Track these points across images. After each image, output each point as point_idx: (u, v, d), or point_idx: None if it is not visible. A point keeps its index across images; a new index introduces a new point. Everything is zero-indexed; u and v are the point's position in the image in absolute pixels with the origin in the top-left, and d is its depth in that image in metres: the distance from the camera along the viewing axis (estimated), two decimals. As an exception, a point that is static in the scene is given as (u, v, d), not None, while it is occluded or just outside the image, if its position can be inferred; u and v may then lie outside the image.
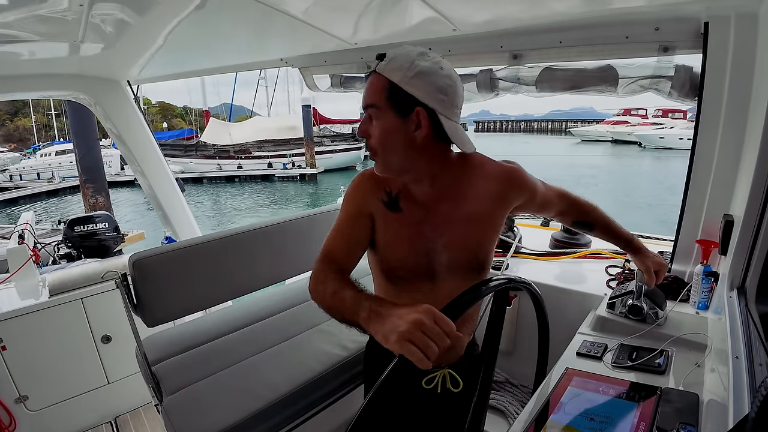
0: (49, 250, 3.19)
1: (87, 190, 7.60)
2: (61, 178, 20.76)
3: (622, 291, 1.35)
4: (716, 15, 1.28)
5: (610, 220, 1.30)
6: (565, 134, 48.10)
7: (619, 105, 37.75)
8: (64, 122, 33.32)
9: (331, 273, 0.95)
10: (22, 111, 37.19)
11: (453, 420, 1.17)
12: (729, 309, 1.09)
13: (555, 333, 1.20)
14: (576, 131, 41.99)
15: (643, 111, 34.93)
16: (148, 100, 38.09)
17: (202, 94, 32.16)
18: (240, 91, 28.49)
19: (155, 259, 1.56)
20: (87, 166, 7.43)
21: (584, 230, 1.36)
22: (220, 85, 12.86)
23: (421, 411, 1.19)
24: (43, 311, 2.09)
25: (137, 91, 2.80)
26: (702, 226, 1.52)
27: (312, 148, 20.95)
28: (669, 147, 27.56)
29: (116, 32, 1.73)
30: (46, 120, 37.00)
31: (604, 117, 45.05)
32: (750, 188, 1.14)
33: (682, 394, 0.94)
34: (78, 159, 7.54)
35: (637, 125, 32.76)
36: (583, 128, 42.33)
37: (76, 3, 1.29)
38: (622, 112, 36.13)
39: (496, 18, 1.57)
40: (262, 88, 32.01)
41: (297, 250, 2.03)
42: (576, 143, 36.71)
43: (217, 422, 1.36)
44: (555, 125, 56.37)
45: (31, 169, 22.31)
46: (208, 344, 1.76)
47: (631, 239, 1.28)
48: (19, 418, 2.06)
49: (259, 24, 1.71)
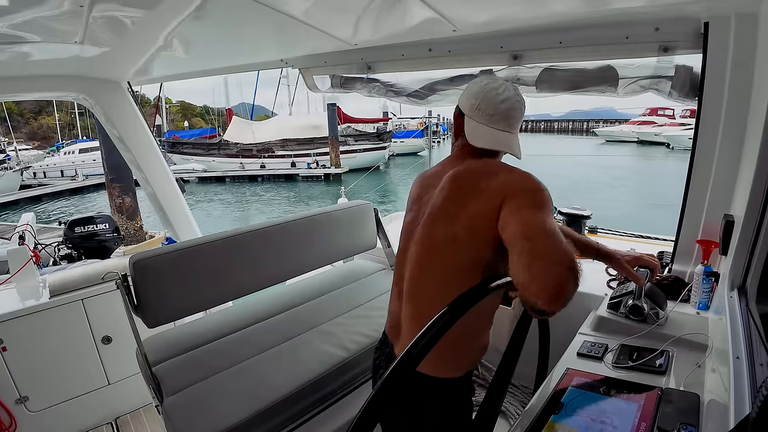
0: (50, 251, 3.20)
1: (113, 190, 7.31)
2: (85, 175, 20.92)
3: (623, 291, 1.35)
4: (716, 15, 1.28)
5: (573, 231, 1.32)
6: (586, 134, 46.80)
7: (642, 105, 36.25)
8: (87, 121, 33.57)
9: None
10: (45, 109, 37.45)
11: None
12: (730, 309, 1.09)
13: (555, 333, 1.20)
14: (600, 132, 40.60)
15: (670, 111, 33.37)
16: (169, 99, 38.11)
17: (225, 94, 31.87)
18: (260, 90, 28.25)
19: (155, 260, 1.56)
20: (113, 165, 7.02)
21: None
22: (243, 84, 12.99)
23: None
24: (44, 312, 2.09)
25: (160, 90, 2.81)
26: (702, 227, 1.52)
27: (337, 148, 20.56)
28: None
29: (116, 33, 1.73)
30: (69, 118, 37.21)
31: (627, 117, 43.62)
32: (750, 188, 1.14)
33: (682, 395, 0.94)
34: (104, 157, 7.21)
35: (664, 125, 31.63)
36: (608, 128, 40.72)
37: (77, 4, 1.29)
38: (648, 112, 34.49)
39: (496, 18, 1.57)
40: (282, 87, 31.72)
41: (297, 251, 2.03)
42: (600, 144, 35.38)
43: (217, 423, 1.36)
44: (576, 125, 54.64)
45: (54, 166, 22.38)
46: (208, 345, 1.76)
47: (597, 247, 1.28)
48: (20, 419, 2.06)
49: (259, 25, 1.71)
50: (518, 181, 0.98)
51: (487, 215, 0.96)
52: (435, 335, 0.79)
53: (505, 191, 0.96)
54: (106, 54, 2.02)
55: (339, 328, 1.89)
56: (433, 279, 1.07)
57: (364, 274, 2.40)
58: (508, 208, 0.93)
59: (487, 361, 2.07)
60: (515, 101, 1.08)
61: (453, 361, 1.08)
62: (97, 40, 1.76)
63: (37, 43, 1.71)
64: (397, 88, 2.21)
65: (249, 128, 24.08)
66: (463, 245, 1.00)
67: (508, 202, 0.94)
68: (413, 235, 1.13)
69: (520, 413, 1.52)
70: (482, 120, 1.09)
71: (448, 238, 1.02)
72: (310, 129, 22.80)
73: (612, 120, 48.75)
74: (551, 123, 58.78)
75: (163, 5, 1.43)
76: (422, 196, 1.16)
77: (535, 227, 0.88)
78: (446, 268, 1.04)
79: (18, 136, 30.28)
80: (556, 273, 0.80)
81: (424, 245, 1.08)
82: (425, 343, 0.79)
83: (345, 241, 2.26)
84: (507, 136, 1.09)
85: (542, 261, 0.82)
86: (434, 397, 1.09)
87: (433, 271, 1.07)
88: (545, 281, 0.80)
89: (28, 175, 21.20)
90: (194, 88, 34.99)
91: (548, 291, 0.80)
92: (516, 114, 1.09)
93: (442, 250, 1.04)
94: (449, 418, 1.11)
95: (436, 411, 1.09)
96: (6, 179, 18.91)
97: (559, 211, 2.26)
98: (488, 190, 0.98)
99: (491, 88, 1.09)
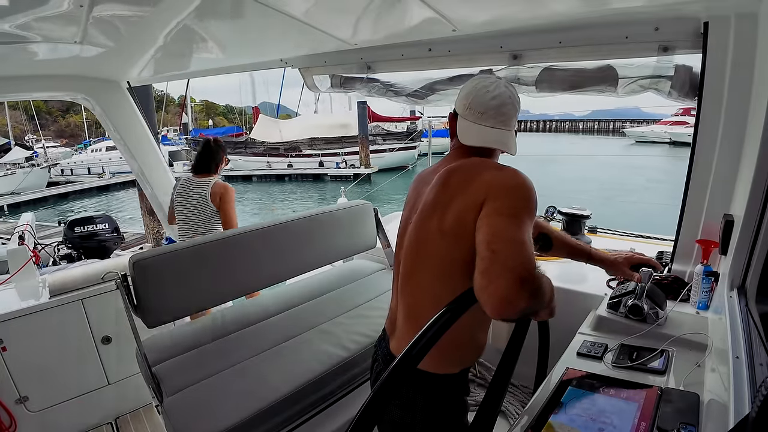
0: (50, 251, 3.20)
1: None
2: (112, 173, 20.98)
3: (623, 291, 1.35)
4: (716, 15, 1.28)
5: (566, 235, 1.35)
6: (613, 134, 45.34)
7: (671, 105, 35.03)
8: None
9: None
10: (73, 108, 37.74)
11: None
12: (729, 309, 1.09)
13: (555, 333, 1.20)
14: (630, 132, 38.63)
15: (704, 111, 32.74)
16: (192, 98, 38.12)
17: (251, 93, 31.42)
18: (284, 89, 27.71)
19: (155, 260, 1.56)
20: None
21: (543, 250, 1.37)
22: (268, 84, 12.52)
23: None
24: (44, 312, 2.09)
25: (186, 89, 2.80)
26: (702, 226, 1.52)
27: (367, 147, 20.16)
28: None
29: (116, 33, 1.73)
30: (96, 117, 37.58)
31: (654, 117, 41.76)
32: (750, 188, 1.14)
33: (682, 394, 0.94)
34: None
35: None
36: (638, 129, 38.84)
37: (77, 4, 1.29)
38: (681, 112, 32.56)
39: (496, 18, 1.57)
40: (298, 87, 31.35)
41: (297, 251, 2.03)
42: (630, 144, 33.96)
43: (217, 423, 1.36)
44: (602, 125, 52.42)
45: (81, 164, 22.55)
46: (208, 345, 1.76)
47: (589, 250, 1.31)
48: (20, 419, 2.06)
49: (259, 24, 1.71)
50: (503, 181, 0.98)
51: (470, 210, 0.96)
52: (432, 338, 0.81)
53: (489, 191, 0.96)
54: (106, 54, 2.02)
55: (339, 327, 1.89)
56: (423, 274, 1.09)
57: (363, 274, 2.40)
58: (486, 210, 0.94)
59: (486, 360, 2.08)
60: (506, 97, 1.08)
61: (442, 357, 1.07)
62: (96, 40, 1.76)
63: (37, 43, 1.71)
64: (397, 88, 2.21)
65: (276, 126, 23.36)
66: (450, 239, 1.01)
67: (488, 203, 0.94)
68: (407, 231, 1.15)
69: (519, 413, 1.52)
70: (473, 119, 1.10)
71: (436, 233, 1.03)
72: (337, 128, 22.17)
73: (640, 120, 47.05)
74: (576, 123, 57.20)
75: (163, 5, 1.43)
76: (417, 195, 1.17)
77: (502, 236, 0.89)
78: (435, 263, 1.05)
79: (46, 134, 30.39)
80: (505, 283, 0.82)
81: (415, 241, 1.10)
82: (419, 350, 0.80)
83: (345, 240, 2.26)
84: (498, 132, 1.08)
85: (497, 268, 0.84)
86: (421, 390, 1.09)
87: (422, 266, 1.09)
88: (496, 289, 0.82)
89: (55, 172, 21.40)
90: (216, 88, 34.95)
91: (495, 299, 0.82)
92: (507, 110, 1.08)
93: (431, 244, 1.06)
94: (437, 414, 1.10)
95: (423, 405, 1.09)
96: (34, 176, 19.10)
97: (559, 211, 2.26)
98: (474, 186, 0.99)
99: (481, 86, 1.10)
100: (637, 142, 34.46)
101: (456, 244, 1.00)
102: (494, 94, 1.08)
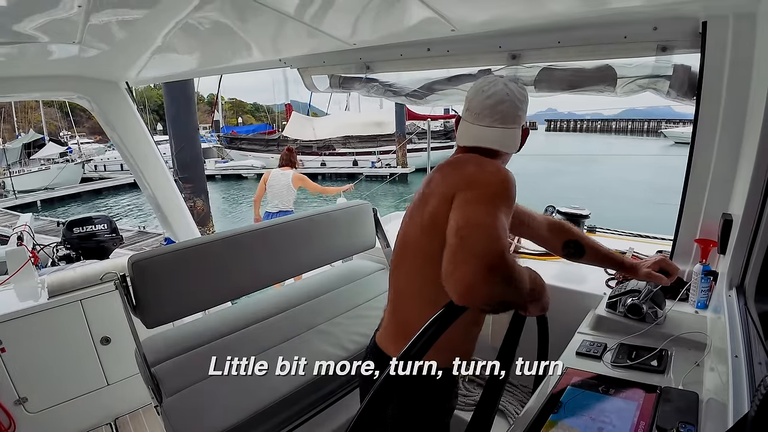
0: (48, 252, 3.20)
1: (182, 191, 6.70)
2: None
3: (622, 290, 1.35)
4: (714, 15, 1.28)
5: (598, 243, 1.34)
6: (647, 135, 43.58)
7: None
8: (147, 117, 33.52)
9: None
10: None
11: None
12: (728, 308, 1.09)
13: (554, 333, 1.20)
14: (669, 132, 36.35)
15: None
16: (222, 96, 37.51)
17: (284, 90, 30.44)
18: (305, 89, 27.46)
19: (154, 261, 1.56)
20: (185, 162, 6.17)
21: (574, 257, 1.35)
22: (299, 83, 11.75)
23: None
24: (42, 313, 2.08)
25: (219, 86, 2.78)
26: (701, 225, 1.52)
27: (404, 146, 19.34)
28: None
29: (115, 34, 1.73)
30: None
31: (686, 117, 40.05)
32: (749, 187, 1.14)
33: (681, 393, 0.94)
34: (174, 154, 6.21)
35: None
36: (677, 129, 36.41)
37: (75, 4, 1.29)
38: None
39: (495, 18, 1.57)
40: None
41: (296, 251, 2.03)
42: (668, 145, 32.01)
43: (216, 423, 1.36)
44: (635, 125, 49.98)
45: (114, 160, 22.25)
46: (207, 345, 1.75)
47: (622, 260, 1.31)
48: (19, 420, 2.06)
49: (258, 24, 1.71)
50: (477, 175, 0.97)
51: (443, 203, 0.96)
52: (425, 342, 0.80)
53: (461, 184, 0.96)
54: (105, 54, 2.02)
55: (338, 327, 1.89)
56: (406, 268, 1.12)
57: (362, 274, 2.40)
58: (456, 201, 0.93)
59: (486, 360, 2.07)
60: (503, 95, 1.06)
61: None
62: (95, 40, 1.76)
63: (35, 43, 1.71)
64: (396, 88, 2.20)
65: (309, 124, 22.66)
66: (427, 233, 1.02)
67: (458, 195, 0.93)
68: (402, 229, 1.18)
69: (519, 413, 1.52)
70: (470, 119, 1.11)
71: (418, 228, 1.05)
72: (372, 126, 21.29)
73: (675, 120, 44.88)
74: (608, 123, 55.09)
75: (162, 5, 1.43)
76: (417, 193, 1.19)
77: (470, 222, 0.86)
78: (416, 257, 1.07)
79: (80, 131, 30.27)
80: (471, 269, 0.78)
81: (402, 236, 1.14)
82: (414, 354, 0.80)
83: (344, 241, 2.26)
84: (493, 131, 1.07)
85: (463, 254, 0.81)
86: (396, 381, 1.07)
87: (406, 260, 1.12)
88: (462, 275, 0.79)
89: (89, 167, 21.58)
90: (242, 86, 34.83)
91: (461, 285, 0.78)
92: (504, 108, 1.06)
93: (413, 239, 1.08)
94: (411, 411, 1.08)
95: (398, 398, 1.07)
96: (68, 171, 19.18)
97: (558, 210, 2.26)
98: (450, 180, 1.00)
99: (478, 88, 1.11)
100: (677, 143, 31.96)
101: (433, 238, 0.98)
102: (489, 93, 1.08)
